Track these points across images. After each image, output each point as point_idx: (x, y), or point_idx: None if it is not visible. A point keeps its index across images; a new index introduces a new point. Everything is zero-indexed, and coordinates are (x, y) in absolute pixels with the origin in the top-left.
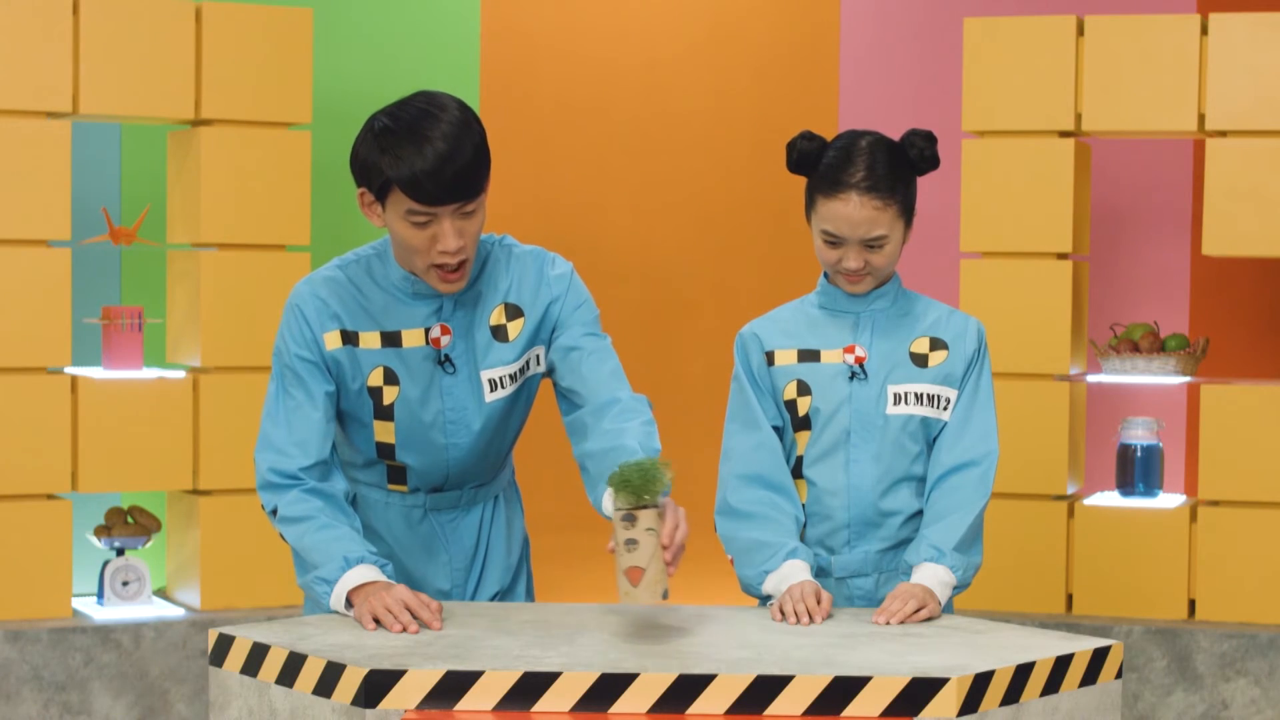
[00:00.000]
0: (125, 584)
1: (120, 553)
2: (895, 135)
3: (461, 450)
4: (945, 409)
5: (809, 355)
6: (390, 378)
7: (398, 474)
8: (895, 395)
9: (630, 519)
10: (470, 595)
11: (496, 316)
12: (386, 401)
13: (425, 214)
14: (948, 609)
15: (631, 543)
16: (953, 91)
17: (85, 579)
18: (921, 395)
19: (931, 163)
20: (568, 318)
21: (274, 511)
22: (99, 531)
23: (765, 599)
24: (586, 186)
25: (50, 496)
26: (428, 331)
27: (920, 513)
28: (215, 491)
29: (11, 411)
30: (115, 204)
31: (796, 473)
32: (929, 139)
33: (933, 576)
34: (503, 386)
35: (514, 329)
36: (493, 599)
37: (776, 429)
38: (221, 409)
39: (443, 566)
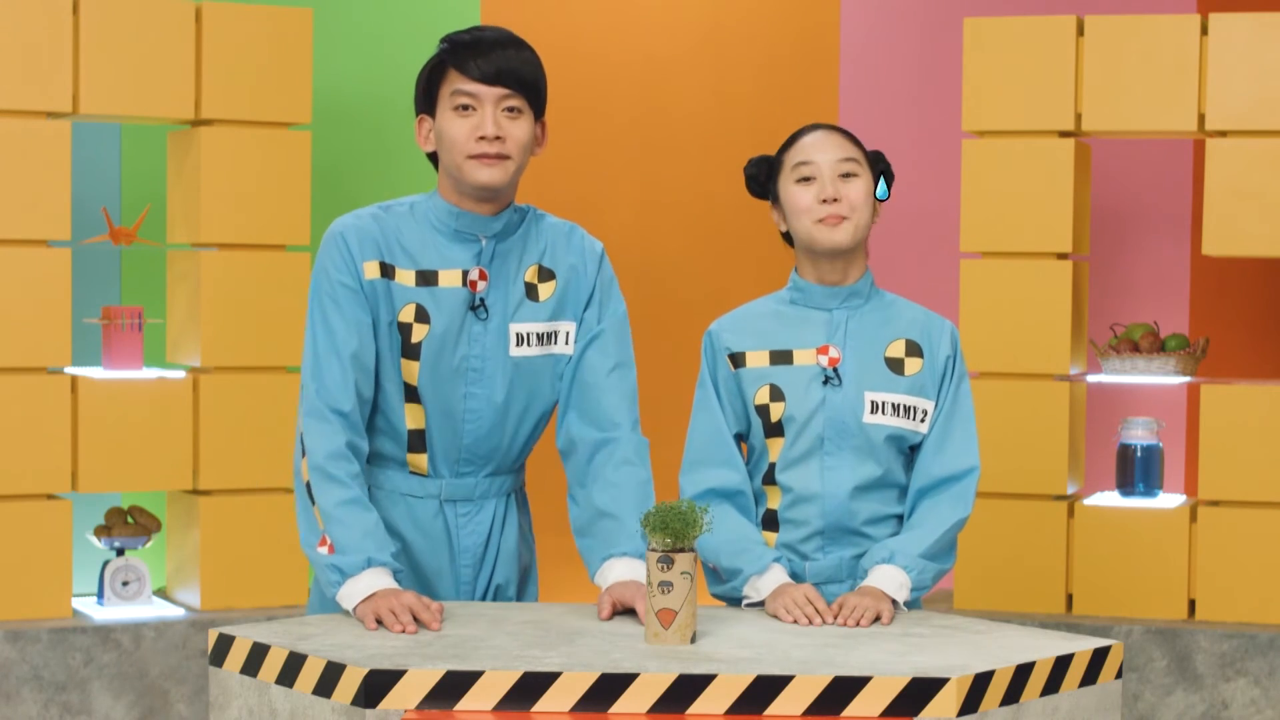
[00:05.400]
0: (125, 584)
1: (120, 553)
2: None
3: (479, 401)
4: (922, 421)
5: (781, 357)
6: (421, 315)
7: (417, 440)
8: (872, 403)
9: (667, 561)
10: (479, 597)
11: (531, 275)
12: (414, 339)
13: (470, 96)
14: (916, 605)
15: (666, 585)
16: (953, 91)
17: (85, 579)
18: (898, 406)
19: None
20: (601, 295)
21: (305, 454)
22: (99, 531)
23: (738, 601)
24: (586, 186)
25: (50, 496)
26: (465, 274)
27: (895, 518)
28: (215, 491)
29: (11, 411)
30: (115, 204)
31: (769, 479)
32: (888, 167)
33: (887, 579)
34: (528, 343)
35: (545, 290)
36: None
37: (740, 435)
38: (221, 409)
39: (450, 567)
